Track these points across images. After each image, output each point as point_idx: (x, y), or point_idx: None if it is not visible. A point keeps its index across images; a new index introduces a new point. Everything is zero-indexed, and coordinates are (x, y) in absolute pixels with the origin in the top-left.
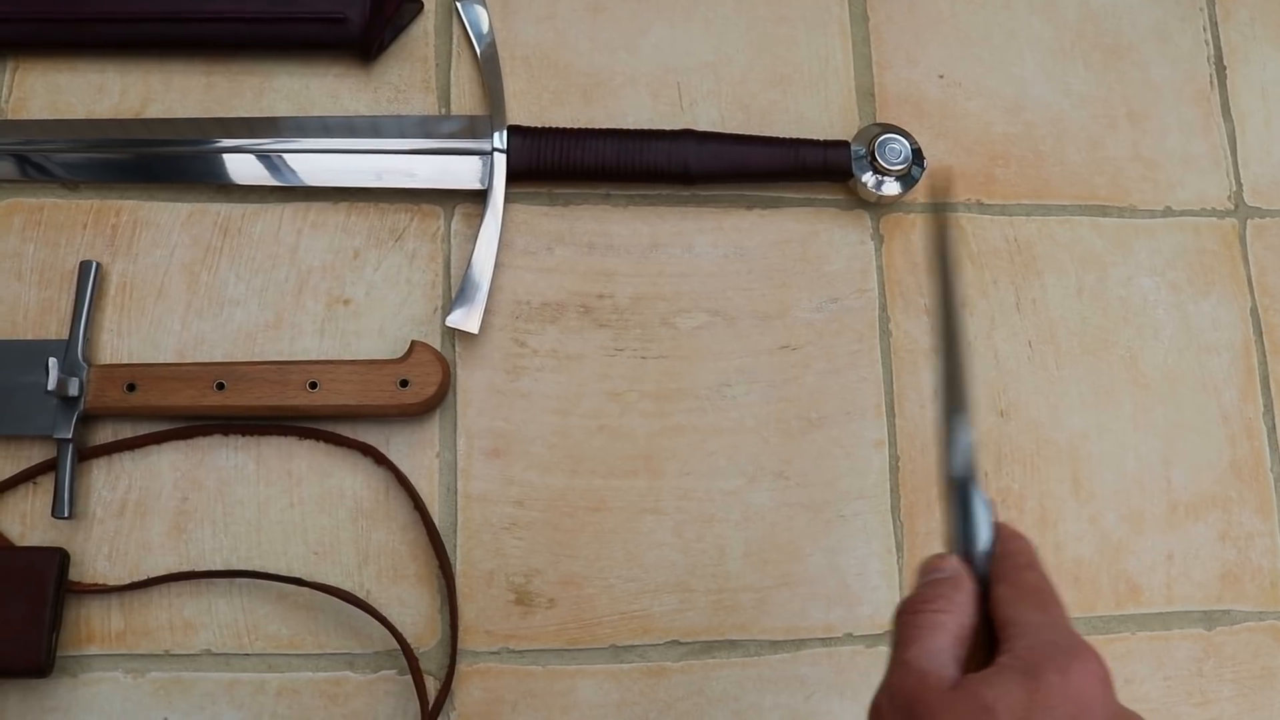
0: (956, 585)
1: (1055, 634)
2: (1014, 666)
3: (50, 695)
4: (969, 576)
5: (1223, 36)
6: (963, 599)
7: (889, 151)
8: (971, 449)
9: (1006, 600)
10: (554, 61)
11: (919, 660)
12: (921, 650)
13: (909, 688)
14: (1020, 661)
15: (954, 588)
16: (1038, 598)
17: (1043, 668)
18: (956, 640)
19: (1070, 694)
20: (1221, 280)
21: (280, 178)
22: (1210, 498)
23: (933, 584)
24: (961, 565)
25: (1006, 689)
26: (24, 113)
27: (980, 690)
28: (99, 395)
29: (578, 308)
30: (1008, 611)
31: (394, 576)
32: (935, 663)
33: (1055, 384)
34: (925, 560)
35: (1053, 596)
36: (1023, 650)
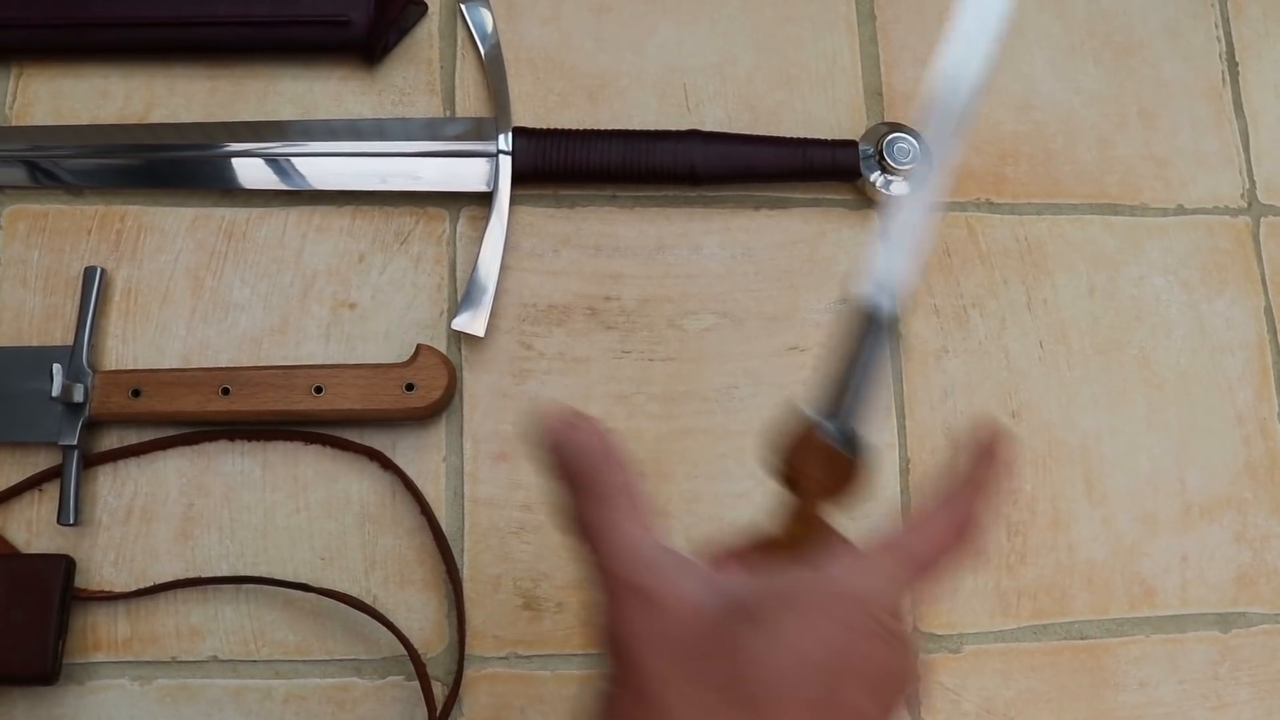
0: (609, 458)
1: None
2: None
3: (57, 703)
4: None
5: (1235, 33)
6: (623, 473)
7: (897, 151)
8: (904, 280)
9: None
10: (559, 63)
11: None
12: (619, 556)
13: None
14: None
15: (608, 462)
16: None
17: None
18: (644, 517)
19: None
20: (1235, 279)
21: (285, 181)
22: (1225, 499)
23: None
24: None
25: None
26: (29, 118)
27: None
28: (104, 401)
29: (584, 310)
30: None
31: (401, 582)
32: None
33: (1067, 385)
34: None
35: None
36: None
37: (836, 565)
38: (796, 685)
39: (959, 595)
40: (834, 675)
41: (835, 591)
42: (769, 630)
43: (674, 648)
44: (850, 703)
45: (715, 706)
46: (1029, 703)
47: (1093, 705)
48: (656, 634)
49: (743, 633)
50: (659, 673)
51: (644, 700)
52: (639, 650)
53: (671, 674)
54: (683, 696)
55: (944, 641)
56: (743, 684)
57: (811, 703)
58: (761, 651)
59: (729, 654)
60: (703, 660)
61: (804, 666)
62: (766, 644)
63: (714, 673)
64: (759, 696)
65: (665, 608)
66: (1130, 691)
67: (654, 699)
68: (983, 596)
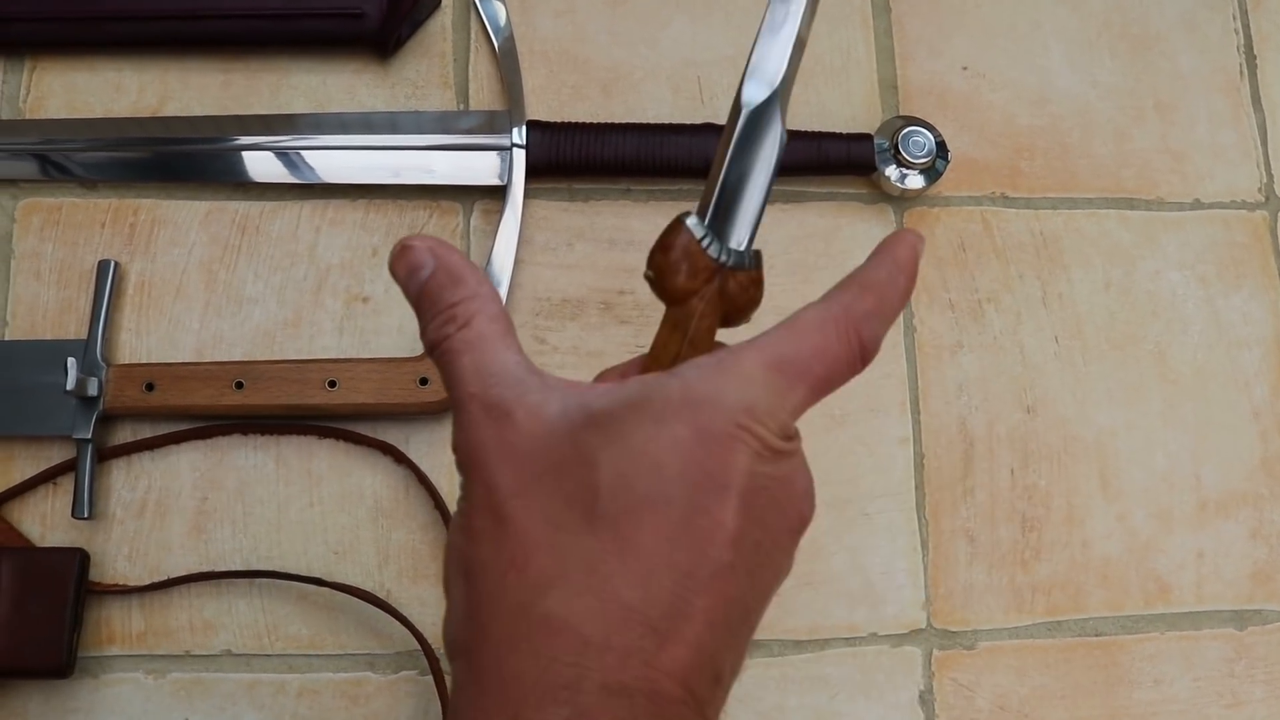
0: (455, 278)
1: (744, 392)
2: (649, 407)
3: (71, 696)
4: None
5: (1253, 25)
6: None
7: (913, 144)
8: (788, 70)
9: (764, 334)
10: (573, 56)
11: (482, 389)
12: (475, 375)
13: (488, 432)
14: (661, 402)
15: (454, 281)
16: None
17: (679, 417)
18: (503, 334)
19: (699, 456)
20: (1252, 274)
21: (299, 175)
22: (1241, 495)
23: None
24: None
25: (621, 435)
26: (42, 112)
27: (586, 437)
28: (118, 395)
29: (598, 304)
30: (742, 345)
31: (414, 576)
32: (505, 385)
33: (1083, 380)
34: (396, 254)
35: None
36: (679, 388)
37: (699, 370)
38: (648, 497)
39: (973, 591)
40: (693, 487)
41: (695, 398)
42: (620, 439)
43: (525, 462)
44: (716, 519)
45: (565, 519)
46: (1043, 699)
47: (1107, 702)
48: (508, 448)
49: (594, 442)
50: (510, 488)
51: (495, 516)
52: (490, 466)
53: (522, 488)
54: (533, 511)
55: (958, 638)
56: (593, 496)
57: (666, 516)
58: (611, 460)
59: (580, 466)
60: (554, 474)
61: (657, 477)
62: (617, 453)
63: (564, 486)
64: (609, 509)
65: (517, 422)
66: (1145, 689)
67: (505, 515)
68: (997, 593)
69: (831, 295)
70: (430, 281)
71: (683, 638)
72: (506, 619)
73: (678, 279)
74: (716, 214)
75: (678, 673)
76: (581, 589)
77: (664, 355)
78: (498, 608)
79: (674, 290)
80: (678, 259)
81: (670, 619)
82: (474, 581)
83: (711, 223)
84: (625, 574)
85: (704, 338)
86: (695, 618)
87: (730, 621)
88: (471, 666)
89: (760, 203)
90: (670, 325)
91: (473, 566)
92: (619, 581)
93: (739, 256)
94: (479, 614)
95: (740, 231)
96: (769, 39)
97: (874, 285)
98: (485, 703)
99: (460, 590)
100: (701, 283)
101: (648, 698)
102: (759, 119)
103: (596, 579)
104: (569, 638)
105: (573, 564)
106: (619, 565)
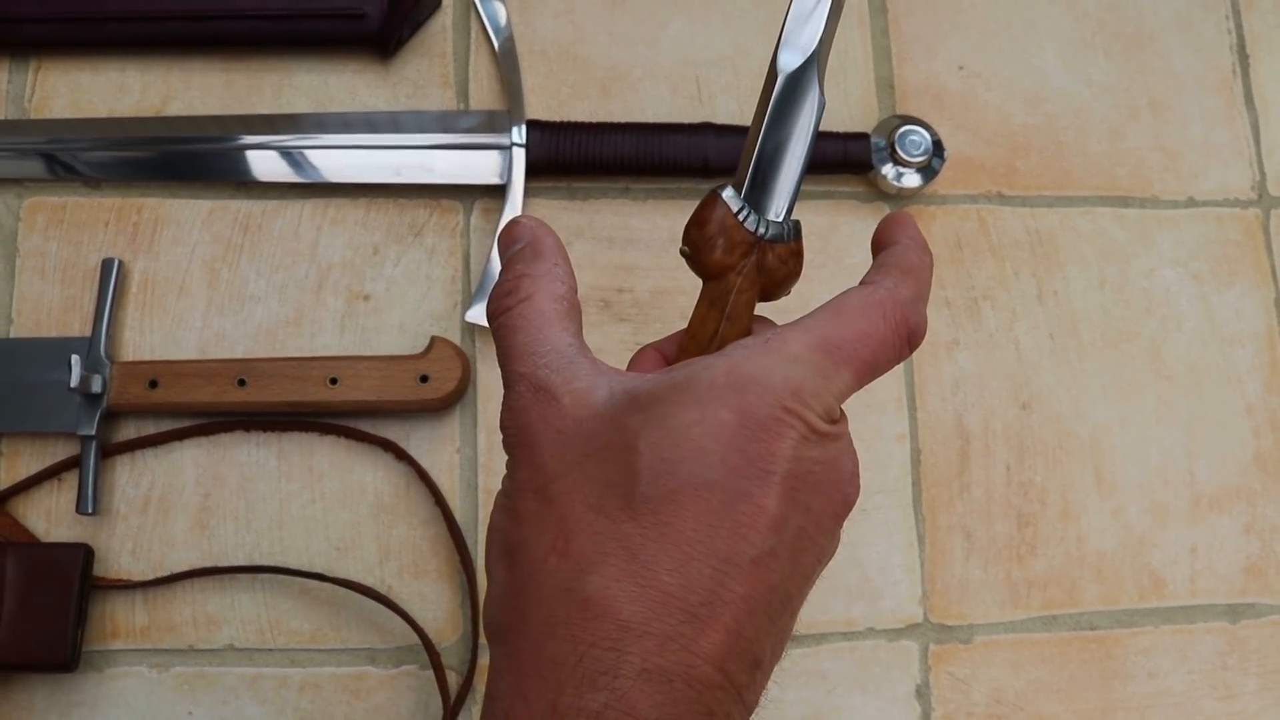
0: (536, 253)
1: (790, 373)
2: (692, 390)
3: (76, 690)
4: (547, 234)
5: (1245, 25)
6: (547, 267)
7: (909, 143)
8: (825, 37)
9: (809, 315)
10: (572, 56)
11: (532, 369)
12: (527, 353)
13: (533, 409)
14: (705, 385)
15: (534, 256)
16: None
17: (723, 400)
18: (562, 316)
19: (742, 441)
20: (1245, 271)
21: (301, 174)
22: (1234, 490)
23: (512, 262)
24: (537, 227)
25: (663, 418)
26: (47, 112)
27: (627, 420)
28: (121, 392)
29: (598, 302)
30: (787, 325)
31: (415, 572)
32: (554, 368)
33: (1077, 376)
34: (503, 229)
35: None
36: (725, 370)
37: (745, 351)
38: (689, 481)
39: (969, 586)
40: (735, 472)
41: (740, 380)
42: (662, 422)
43: (570, 445)
44: (758, 504)
45: (607, 503)
46: (1039, 693)
47: (1102, 695)
48: (554, 431)
49: (637, 426)
50: (554, 470)
51: (540, 499)
52: (536, 448)
53: (566, 470)
54: (575, 494)
55: (954, 632)
56: (634, 480)
57: (707, 501)
58: (652, 444)
59: (622, 450)
60: (597, 457)
61: (699, 461)
62: (659, 436)
63: (607, 470)
64: (650, 493)
65: (563, 405)
66: (1139, 682)
67: (549, 497)
68: (993, 587)
69: (874, 279)
70: (516, 254)
71: (721, 623)
72: (547, 602)
73: (714, 254)
74: (753, 185)
75: (715, 658)
76: (621, 573)
77: (702, 332)
78: (539, 591)
79: (711, 265)
80: (714, 233)
81: (709, 605)
82: (516, 563)
83: (748, 195)
84: (665, 559)
85: (743, 313)
86: (734, 603)
87: (770, 607)
88: (511, 651)
89: (799, 173)
90: (708, 301)
91: (515, 548)
92: (658, 567)
93: (777, 228)
94: (519, 597)
95: (778, 202)
96: (802, 3)
97: (913, 270)
98: (524, 687)
99: (501, 571)
100: (739, 257)
101: (685, 682)
102: (795, 85)
103: (636, 564)
104: (608, 622)
105: (613, 548)
106: (658, 550)
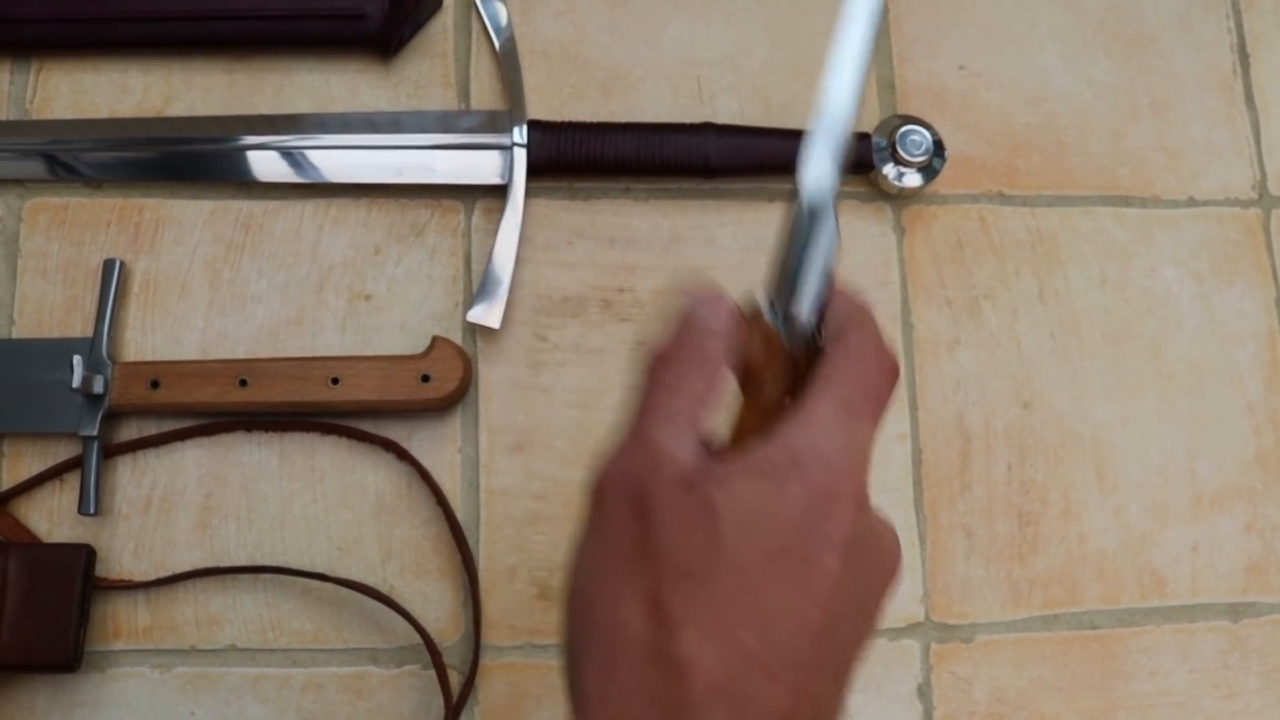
0: (714, 334)
1: (831, 440)
2: (761, 469)
3: (78, 690)
4: (730, 318)
5: (1246, 25)
6: (714, 348)
7: (910, 143)
8: (837, 172)
9: (817, 389)
10: (573, 56)
11: (661, 441)
12: (660, 418)
13: (641, 470)
14: (770, 464)
15: (710, 337)
16: (849, 396)
17: (789, 476)
18: (701, 402)
19: (807, 510)
20: (1246, 270)
21: (303, 174)
22: (1235, 489)
23: (687, 329)
24: (725, 306)
25: (739, 493)
26: (49, 113)
27: (711, 492)
28: (123, 392)
29: (599, 302)
30: (808, 400)
31: (417, 571)
32: (675, 439)
33: (1079, 376)
34: (688, 294)
35: (870, 398)
36: (782, 449)
37: (795, 429)
38: (766, 546)
39: (970, 585)
40: (805, 539)
41: (797, 458)
42: (740, 495)
43: (665, 509)
44: (827, 570)
45: (696, 565)
46: (1040, 692)
47: (1103, 694)
48: (654, 496)
49: (718, 496)
50: (644, 530)
51: (629, 558)
52: (636, 506)
53: (655, 530)
54: (664, 554)
55: (955, 631)
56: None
57: (783, 566)
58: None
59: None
60: (683, 522)
61: (773, 528)
62: (737, 506)
63: (693, 534)
64: (731, 557)
65: (664, 472)
66: (1141, 681)
67: (638, 554)
68: (994, 586)
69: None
70: (703, 326)
71: (796, 683)
72: (635, 664)
73: (757, 364)
74: (784, 298)
75: (787, 716)
76: (708, 634)
77: (744, 431)
78: (628, 651)
79: (755, 373)
80: (757, 346)
81: (786, 665)
82: (600, 622)
83: (780, 307)
84: (747, 621)
85: (778, 405)
86: (807, 665)
87: (835, 668)
88: (592, 711)
89: (822, 283)
90: (749, 404)
91: (599, 604)
92: (741, 628)
93: (805, 333)
94: (606, 656)
95: (806, 311)
96: (826, 139)
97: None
98: None
99: (581, 624)
100: (777, 363)
101: None
102: (817, 211)
103: (722, 625)
104: (696, 684)
105: (700, 609)
106: (741, 612)
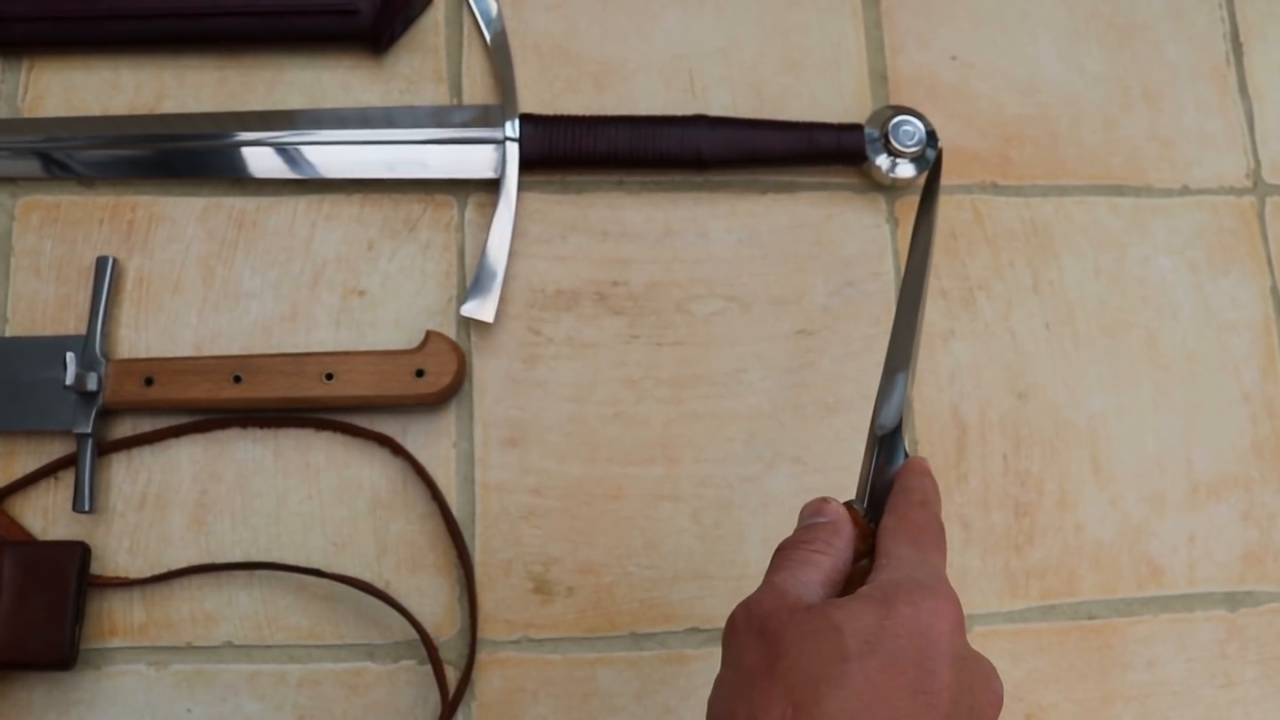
0: (835, 530)
1: (921, 571)
2: (871, 595)
3: (74, 687)
4: (849, 522)
5: (1239, 13)
6: (840, 544)
7: (902, 134)
8: (904, 404)
9: (887, 533)
10: (565, 49)
11: (784, 584)
12: (790, 577)
13: (767, 604)
14: (879, 591)
15: (832, 532)
16: (916, 534)
17: (897, 599)
18: (827, 578)
19: (919, 627)
20: (1240, 259)
21: (296, 170)
22: (1232, 478)
23: (811, 527)
24: (842, 510)
25: (857, 613)
26: (41, 111)
27: (832, 612)
28: (117, 390)
29: (592, 295)
30: (885, 544)
31: (413, 567)
32: (800, 589)
33: (1074, 365)
34: (808, 503)
35: (932, 535)
36: (884, 581)
37: (888, 573)
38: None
39: (967, 576)
40: (919, 650)
41: (899, 589)
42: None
43: (795, 628)
44: (942, 679)
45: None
46: (1038, 682)
47: (1101, 684)
48: (785, 623)
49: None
50: (780, 650)
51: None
52: (769, 635)
53: (789, 649)
54: (799, 667)
55: None
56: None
57: (903, 673)
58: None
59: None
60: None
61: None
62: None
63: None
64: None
65: (791, 604)
66: (1138, 670)
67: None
68: (991, 577)
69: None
70: (827, 524)
71: None
72: None
73: (860, 554)
74: (870, 503)
75: None
76: None
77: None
78: None
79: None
80: (860, 542)
81: None
82: None
83: (868, 509)
84: None
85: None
86: None
87: None
88: None
89: None
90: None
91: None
92: None
93: None
94: None
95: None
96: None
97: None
98: None
99: None
100: (869, 547)
101: None
102: (890, 440)
103: None
104: None
105: (836, 710)
106: (871, 716)
